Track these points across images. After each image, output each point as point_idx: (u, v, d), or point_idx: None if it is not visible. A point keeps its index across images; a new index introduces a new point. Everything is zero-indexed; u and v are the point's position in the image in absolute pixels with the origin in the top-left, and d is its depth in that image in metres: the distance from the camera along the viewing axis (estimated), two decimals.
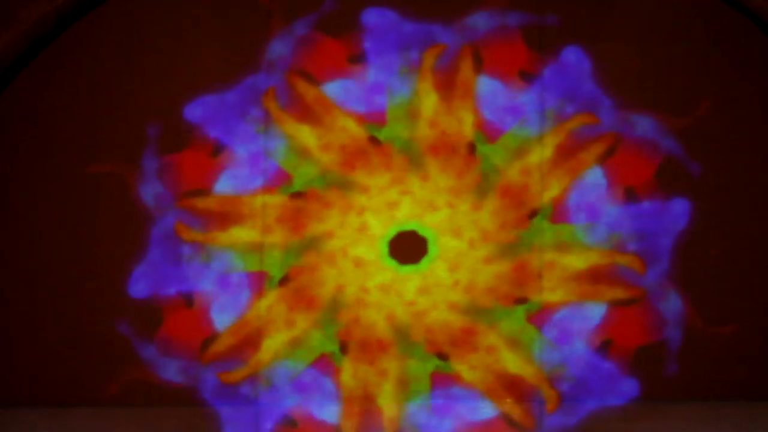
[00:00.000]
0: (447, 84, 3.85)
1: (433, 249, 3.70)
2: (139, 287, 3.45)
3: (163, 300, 3.69)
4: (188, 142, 4.05)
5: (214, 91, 4.15)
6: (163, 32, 3.88)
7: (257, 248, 3.85)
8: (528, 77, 3.69)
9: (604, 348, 3.57)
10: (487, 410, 3.54)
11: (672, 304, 3.55)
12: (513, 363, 3.55)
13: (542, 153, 3.71)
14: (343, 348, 3.59)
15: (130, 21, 3.86)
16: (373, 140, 3.83)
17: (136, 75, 3.83)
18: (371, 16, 3.64)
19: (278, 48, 3.91)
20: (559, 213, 3.68)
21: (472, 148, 3.74)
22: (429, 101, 3.79)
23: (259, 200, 4.06)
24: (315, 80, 3.78)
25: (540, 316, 3.64)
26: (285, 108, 3.93)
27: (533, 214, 3.64)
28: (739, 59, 3.78)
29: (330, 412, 3.62)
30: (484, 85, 3.80)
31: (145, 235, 3.87)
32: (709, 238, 3.64)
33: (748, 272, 3.63)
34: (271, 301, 3.79)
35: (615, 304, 3.62)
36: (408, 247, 3.66)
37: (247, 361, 3.86)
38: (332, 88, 3.86)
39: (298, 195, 3.84)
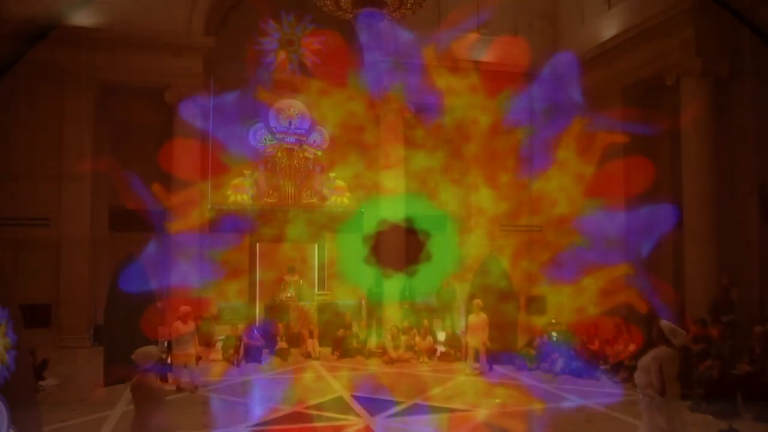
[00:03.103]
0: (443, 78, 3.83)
1: None
2: (128, 285, 3.51)
3: (156, 295, 3.71)
4: (181, 139, 4.04)
5: (209, 90, 4.14)
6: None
7: (246, 243, 3.85)
8: (520, 79, 3.65)
9: (590, 350, 3.58)
10: (474, 414, 3.57)
11: (660, 304, 3.57)
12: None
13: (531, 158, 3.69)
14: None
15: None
16: (365, 134, 3.81)
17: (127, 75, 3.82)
18: (365, 17, 3.65)
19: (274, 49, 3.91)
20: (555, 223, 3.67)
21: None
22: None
23: (252, 204, 4.05)
24: (310, 74, 3.78)
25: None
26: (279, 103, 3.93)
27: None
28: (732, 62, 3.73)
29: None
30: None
31: (134, 234, 3.88)
32: (697, 240, 3.62)
33: (735, 273, 3.62)
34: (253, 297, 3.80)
35: (604, 309, 3.64)
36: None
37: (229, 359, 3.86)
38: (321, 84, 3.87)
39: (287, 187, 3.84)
